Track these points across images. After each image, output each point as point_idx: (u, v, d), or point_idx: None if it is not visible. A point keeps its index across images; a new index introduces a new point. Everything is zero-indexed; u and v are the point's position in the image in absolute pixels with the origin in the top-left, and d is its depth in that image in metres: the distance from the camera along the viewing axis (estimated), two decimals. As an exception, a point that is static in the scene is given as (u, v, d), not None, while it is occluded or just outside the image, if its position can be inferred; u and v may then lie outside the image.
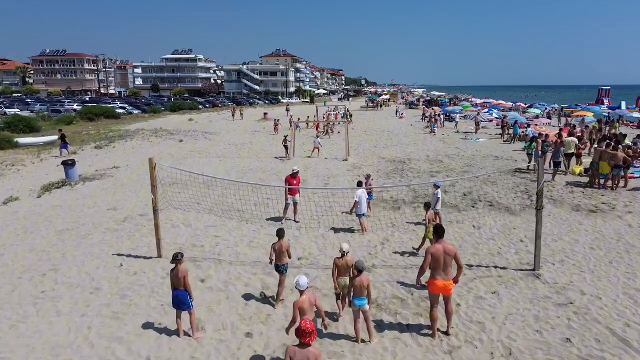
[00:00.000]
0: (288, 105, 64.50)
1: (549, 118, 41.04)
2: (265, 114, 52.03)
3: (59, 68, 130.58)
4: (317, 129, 35.09)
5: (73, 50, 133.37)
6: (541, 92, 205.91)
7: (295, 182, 13.20)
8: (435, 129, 35.77)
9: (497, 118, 41.42)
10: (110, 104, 71.06)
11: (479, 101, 69.05)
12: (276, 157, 24.89)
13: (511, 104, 67.82)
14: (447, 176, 19.26)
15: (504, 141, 30.13)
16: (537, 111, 44.80)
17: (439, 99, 77.90)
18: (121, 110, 59.81)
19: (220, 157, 25.48)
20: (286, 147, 24.72)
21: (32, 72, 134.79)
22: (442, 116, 39.82)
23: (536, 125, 31.19)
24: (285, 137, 24.84)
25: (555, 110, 53.17)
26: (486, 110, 47.54)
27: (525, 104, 66.93)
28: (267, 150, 27.74)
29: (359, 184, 13.14)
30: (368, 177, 14.01)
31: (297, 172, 13.49)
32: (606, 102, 64.89)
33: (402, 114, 53.32)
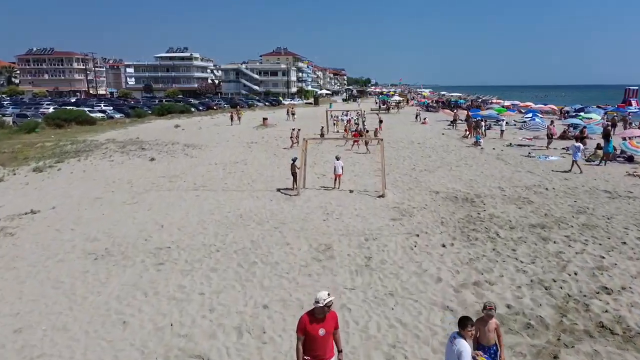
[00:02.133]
0: (291, 107, 56.66)
1: (613, 125, 33.22)
2: (264, 119, 44.23)
3: (46, 67, 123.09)
4: (356, 143, 27.54)
5: (61, 49, 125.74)
6: (550, 92, 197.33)
7: (321, 329, 5.17)
8: (481, 140, 27.98)
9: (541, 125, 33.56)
10: (93, 106, 63.80)
11: (506, 103, 61.10)
12: (279, 190, 17.16)
13: (541, 105, 59.97)
14: (568, 238, 11.46)
15: (586, 160, 22.28)
16: (596, 116, 37.03)
17: (458, 100, 69.78)
18: (100, 115, 52.13)
19: (197, 188, 17.73)
20: (294, 175, 17.01)
21: (18, 71, 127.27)
22: (483, 123, 32.02)
23: (630, 139, 23.33)
24: (294, 161, 17.11)
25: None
26: (529, 115, 39.72)
27: (557, 107, 59.09)
28: (266, 175, 20.00)
29: (460, 335, 5.14)
30: (489, 312, 5.80)
31: (330, 305, 5.18)
32: (634, 102, 57.43)
33: (424, 119, 45.53)
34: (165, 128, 42.41)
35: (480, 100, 68.32)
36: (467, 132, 31.62)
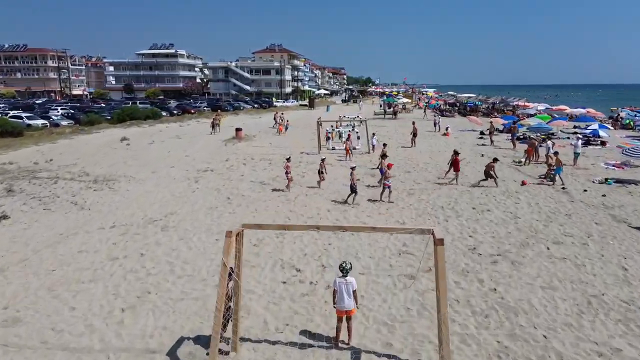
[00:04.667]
0: (278, 113, 46.24)
1: None
2: (237, 130, 33.65)
3: (18, 65, 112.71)
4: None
5: (36, 45, 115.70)
6: (558, 92, 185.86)
7: None
8: (560, 176, 17.59)
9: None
10: (49, 110, 53.93)
11: (540, 107, 50.57)
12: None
13: (581, 109, 49.71)
14: None
15: None
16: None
17: (476, 102, 58.82)
18: (41, 122, 41.95)
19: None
20: (221, 316, 6.66)
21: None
22: (551, 143, 21.63)
23: None
24: (230, 274, 6.68)
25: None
26: (594, 127, 29.22)
27: (590, 110, 48.82)
28: (179, 273, 9.77)
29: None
30: None
31: None
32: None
33: (446, 129, 35.22)
34: (108, 142, 32.20)
35: (501, 103, 57.56)
36: (526, 157, 21.24)
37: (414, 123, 30.81)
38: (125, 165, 22.91)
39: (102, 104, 72.14)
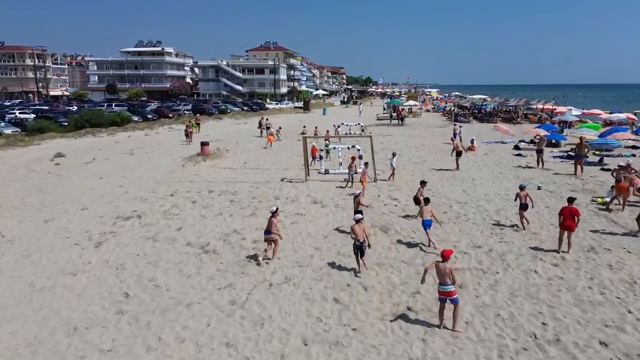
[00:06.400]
0: (264, 118, 38.69)
1: None
2: (203, 145, 25.97)
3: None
4: None
5: (15, 42, 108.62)
6: (565, 92, 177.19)
7: None
8: None
9: None
10: (5, 114, 47.16)
11: (575, 112, 42.88)
12: None
13: (618, 114, 42.23)
14: None
15: None
16: None
17: (493, 105, 50.58)
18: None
19: None
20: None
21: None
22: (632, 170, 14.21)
23: None
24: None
25: None
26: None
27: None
28: None
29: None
30: None
31: None
32: None
33: (471, 141, 27.63)
34: (34, 159, 24.91)
35: (523, 106, 49.73)
36: (616, 197, 13.82)
37: (453, 139, 22.91)
38: (18, 204, 15.50)
39: (75, 106, 64.69)
